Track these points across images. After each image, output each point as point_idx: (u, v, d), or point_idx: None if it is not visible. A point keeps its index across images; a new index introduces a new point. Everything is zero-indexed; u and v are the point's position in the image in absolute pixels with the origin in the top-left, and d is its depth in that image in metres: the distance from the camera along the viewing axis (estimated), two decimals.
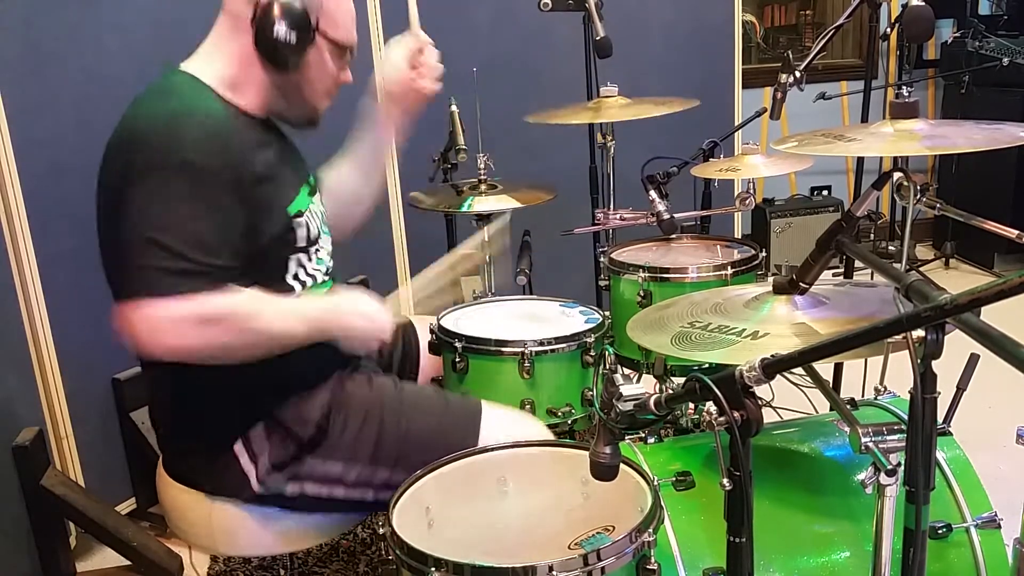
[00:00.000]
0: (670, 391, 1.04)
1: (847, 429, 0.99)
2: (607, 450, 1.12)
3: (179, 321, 1.25)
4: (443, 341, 1.80)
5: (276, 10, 1.38)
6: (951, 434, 1.44)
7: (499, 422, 1.55)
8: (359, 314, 1.45)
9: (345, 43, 1.49)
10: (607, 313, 1.93)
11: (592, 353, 1.79)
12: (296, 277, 1.48)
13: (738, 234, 3.50)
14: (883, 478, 0.98)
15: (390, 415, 1.52)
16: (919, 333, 0.91)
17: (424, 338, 1.88)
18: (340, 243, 1.67)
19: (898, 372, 1.26)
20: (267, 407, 1.46)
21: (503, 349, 1.75)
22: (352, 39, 1.51)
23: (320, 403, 1.49)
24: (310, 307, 1.45)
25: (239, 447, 1.44)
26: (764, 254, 2.12)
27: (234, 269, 1.33)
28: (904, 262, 1.43)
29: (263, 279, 1.39)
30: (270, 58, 1.42)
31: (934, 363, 0.92)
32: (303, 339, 1.39)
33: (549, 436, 1.60)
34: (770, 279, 1.46)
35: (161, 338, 1.25)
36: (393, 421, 1.51)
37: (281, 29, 1.39)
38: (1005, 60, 3.89)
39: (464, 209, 2.23)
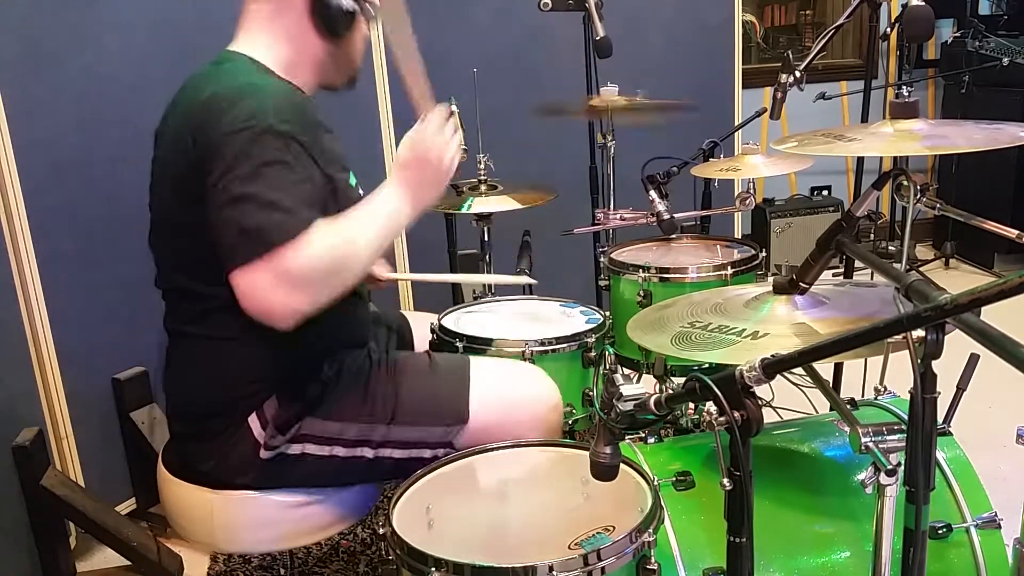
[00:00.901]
0: (670, 391, 1.04)
1: (847, 429, 0.99)
2: (607, 450, 1.12)
3: (298, 284, 1.22)
4: (444, 341, 1.80)
5: None
6: (951, 434, 1.44)
7: (488, 372, 1.59)
8: (416, 166, 1.42)
9: (377, 1, 1.52)
10: (607, 313, 1.93)
11: (593, 353, 1.79)
12: None
13: (738, 234, 3.50)
14: (883, 478, 0.98)
15: (383, 374, 1.55)
16: (919, 333, 0.90)
17: (419, 334, 1.89)
18: None
19: (898, 372, 1.26)
20: (284, 379, 1.48)
21: (504, 349, 1.75)
22: None
23: (321, 367, 1.51)
24: (375, 206, 1.39)
25: (253, 418, 1.46)
26: (764, 254, 2.12)
27: None
28: (904, 262, 1.42)
29: None
30: (331, 29, 1.45)
31: (934, 363, 0.92)
32: (391, 236, 1.39)
33: (544, 377, 1.63)
34: (770, 279, 1.47)
35: (285, 302, 1.22)
36: (386, 380, 1.54)
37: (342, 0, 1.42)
38: (1005, 60, 3.89)
39: (464, 210, 2.24)
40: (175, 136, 1.38)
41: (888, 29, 2.40)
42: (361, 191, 1.54)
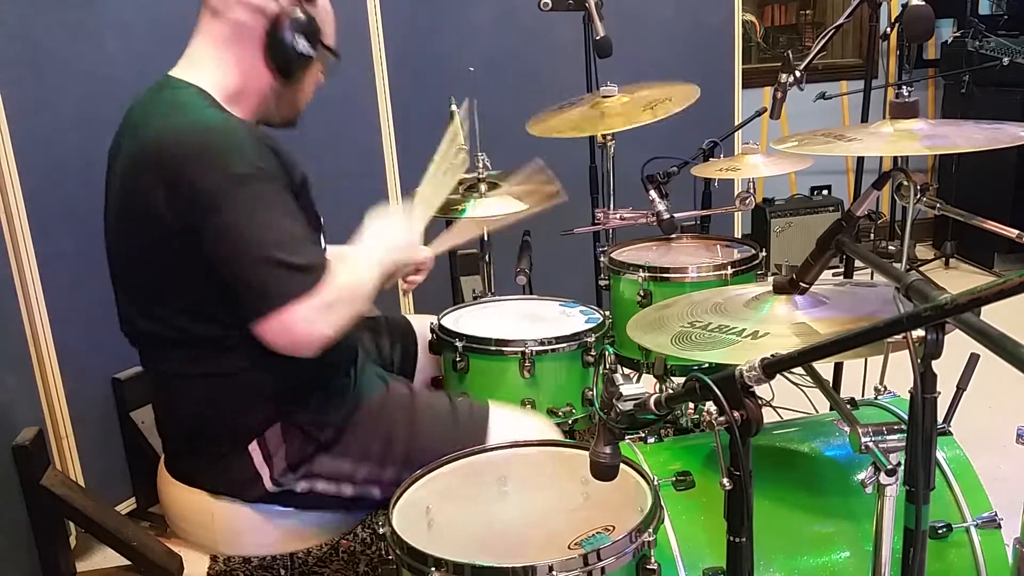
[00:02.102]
0: (670, 391, 1.04)
1: (847, 429, 0.99)
2: (607, 450, 1.12)
3: (326, 311, 1.29)
4: (443, 340, 1.80)
5: (288, 22, 1.38)
6: (951, 434, 1.44)
7: (506, 422, 1.56)
8: (395, 247, 1.53)
9: (335, 49, 1.50)
10: (607, 313, 1.93)
11: (592, 353, 1.79)
12: None
13: (738, 234, 3.50)
14: (883, 478, 0.98)
15: (401, 415, 1.53)
16: (919, 333, 0.90)
17: (422, 336, 1.89)
18: None
19: (898, 372, 1.26)
20: (285, 408, 1.46)
21: (504, 349, 1.75)
22: (335, 43, 1.51)
23: (335, 403, 1.50)
24: (374, 254, 1.47)
25: (254, 447, 1.44)
26: (764, 254, 2.12)
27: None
28: (904, 262, 1.43)
29: None
30: (283, 70, 1.42)
31: (934, 363, 0.92)
32: (378, 287, 1.45)
33: (556, 433, 1.61)
34: (770, 279, 1.46)
35: (319, 332, 1.30)
36: (404, 421, 1.52)
37: (298, 42, 1.39)
38: (1005, 60, 3.89)
39: (463, 215, 2.22)
40: (133, 173, 1.34)
41: (888, 29, 2.40)
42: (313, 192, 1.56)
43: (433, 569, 1.11)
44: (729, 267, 2.02)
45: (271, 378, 1.42)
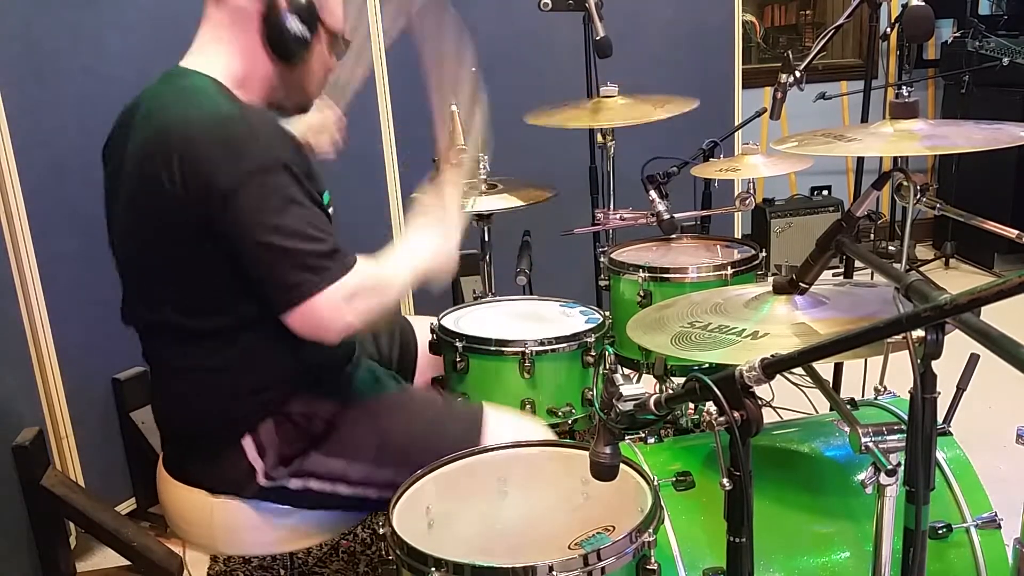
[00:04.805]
0: (670, 391, 1.04)
1: (847, 429, 0.99)
2: (607, 450, 1.12)
3: (351, 299, 1.32)
4: (443, 341, 1.80)
5: (285, 4, 1.38)
6: (951, 434, 1.44)
7: (501, 424, 1.55)
8: (435, 252, 1.51)
9: (340, 31, 1.49)
10: (607, 313, 1.93)
11: (592, 353, 1.79)
12: None
13: (738, 234, 3.50)
14: (883, 478, 0.98)
15: (395, 416, 1.53)
16: (919, 333, 0.91)
17: (422, 337, 1.88)
18: None
19: (898, 372, 1.26)
20: (279, 401, 1.47)
21: (504, 349, 1.75)
22: (344, 26, 1.51)
23: (329, 400, 1.50)
24: (414, 256, 1.48)
25: (247, 441, 1.44)
26: (764, 254, 2.12)
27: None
28: (904, 262, 1.43)
29: None
30: (281, 53, 1.41)
31: (934, 363, 0.92)
32: (408, 286, 1.47)
33: (550, 436, 1.60)
34: (770, 279, 1.46)
35: (343, 319, 1.32)
36: (398, 421, 1.52)
37: (293, 24, 1.39)
38: (1005, 60, 3.89)
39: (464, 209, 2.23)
40: (141, 163, 1.34)
41: (888, 29, 2.40)
42: (331, 210, 1.55)
43: (433, 569, 1.11)
44: (729, 267, 2.02)
45: (264, 373, 1.43)
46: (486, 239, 2.33)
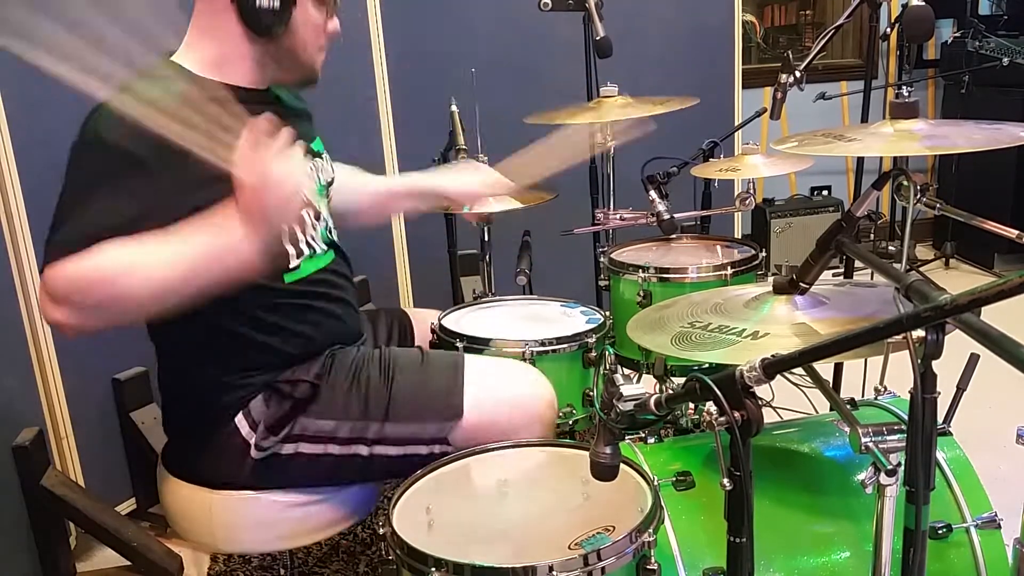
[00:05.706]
0: (670, 391, 1.04)
1: (847, 429, 0.99)
2: (607, 450, 1.12)
3: (52, 298, 1.23)
4: (444, 341, 1.80)
5: None
6: (951, 434, 1.44)
7: (480, 369, 1.58)
8: (258, 199, 1.23)
9: None
10: (607, 313, 1.93)
11: (593, 353, 1.79)
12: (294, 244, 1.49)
13: (738, 234, 3.50)
14: (883, 478, 0.98)
15: (375, 370, 1.55)
16: (919, 333, 0.91)
17: (421, 330, 1.89)
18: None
19: (898, 372, 1.26)
20: (269, 379, 1.50)
21: (504, 349, 1.75)
22: None
23: (312, 366, 1.52)
24: (195, 240, 1.25)
25: (240, 418, 1.47)
26: (764, 254, 2.12)
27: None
28: (904, 262, 1.43)
29: None
30: (257, 29, 1.42)
31: (934, 363, 0.92)
32: (201, 275, 1.25)
33: (536, 375, 1.62)
34: (770, 279, 1.46)
35: (50, 315, 1.24)
36: (378, 375, 1.54)
37: None
38: (1005, 60, 3.89)
39: (464, 209, 2.23)
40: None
41: (888, 29, 2.40)
42: (316, 175, 1.55)
43: (433, 569, 1.11)
44: (729, 267, 2.02)
45: (254, 358, 1.48)
46: (486, 239, 2.33)
